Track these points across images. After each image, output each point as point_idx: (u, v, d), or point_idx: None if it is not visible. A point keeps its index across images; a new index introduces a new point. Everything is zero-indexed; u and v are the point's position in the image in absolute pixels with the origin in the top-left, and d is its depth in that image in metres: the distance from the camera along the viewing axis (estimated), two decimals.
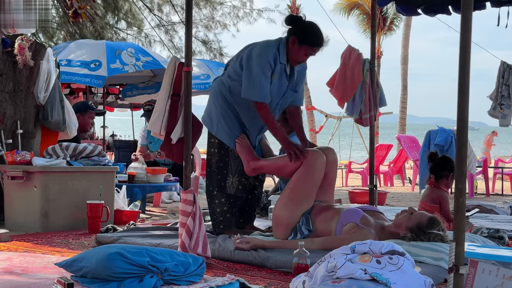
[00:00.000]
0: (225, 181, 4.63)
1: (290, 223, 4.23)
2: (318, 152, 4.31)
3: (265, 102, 4.39)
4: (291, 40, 4.42)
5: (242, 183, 4.62)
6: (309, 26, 4.45)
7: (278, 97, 4.55)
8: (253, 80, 4.35)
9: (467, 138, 2.33)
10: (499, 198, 9.93)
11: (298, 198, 4.24)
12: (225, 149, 4.62)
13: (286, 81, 4.54)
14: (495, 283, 2.75)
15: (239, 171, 4.59)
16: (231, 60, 4.69)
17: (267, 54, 4.39)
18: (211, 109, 4.65)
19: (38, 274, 2.94)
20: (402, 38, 21.27)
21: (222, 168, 4.64)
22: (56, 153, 5.52)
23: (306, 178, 4.23)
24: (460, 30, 2.32)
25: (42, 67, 5.75)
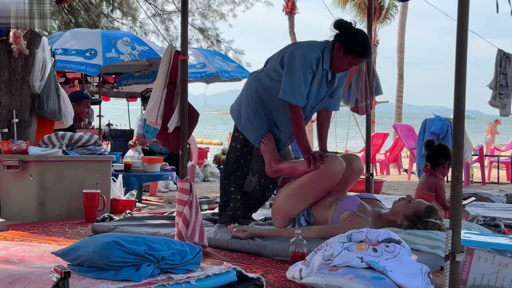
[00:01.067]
0: (244, 179, 4.54)
1: (290, 215, 4.22)
2: (338, 159, 4.16)
3: (300, 106, 4.25)
4: (336, 47, 4.24)
5: (261, 183, 4.53)
6: (358, 35, 4.28)
7: (315, 103, 4.42)
8: (292, 81, 4.20)
9: (463, 126, 2.33)
10: (495, 186, 9.96)
11: (303, 195, 4.18)
12: (248, 147, 4.51)
13: (326, 87, 4.39)
14: (491, 270, 2.77)
15: (260, 171, 4.48)
16: (272, 58, 4.50)
17: (311, 57, 4.23)
18: (242, 103, 4.51)
19: (35, 263, 2.94)
20: (398, 27, 21.27)
21: (243, 165, 4.53)
22: (52, 142, 5.51)
23: (318, 181, 4.13)
24: (457, 18, 2.31)
25: (37, 56, 5.72)
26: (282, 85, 4.24)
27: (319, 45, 4.32)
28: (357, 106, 5.99)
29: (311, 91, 4.30)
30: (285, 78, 4.24)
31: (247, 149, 4.52)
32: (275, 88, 4.31)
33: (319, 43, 4.35)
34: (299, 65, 4.20)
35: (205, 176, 10.48)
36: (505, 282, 2.74)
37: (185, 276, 2.58)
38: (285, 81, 4.23)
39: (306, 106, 4.35)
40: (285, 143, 4.51)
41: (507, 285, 2.73)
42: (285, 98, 4.24)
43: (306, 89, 4.24)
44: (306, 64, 4.20)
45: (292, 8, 22.98)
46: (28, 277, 2.59)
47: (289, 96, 4.21)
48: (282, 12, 23.04)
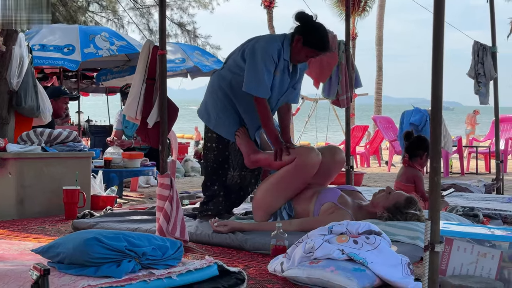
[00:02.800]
0: (226, 176, 4.54)
1: (271, 209, 4.22)
2: (314, 151, 4.19)
3: (265, 98, 4.27)
4: (296, 38, 4.28)
5: (242, 176, 4.53)
6: (317, 29, 4.31)
7: (280, 94, 4.43)
8: (256, 74, 4.22)
9: (441, 117, 2.34)
10: (474, 176, 10.05)
11: (282, 189, 4.18)
12: (224, 143, 4.51)
13: (288, 78, 4.42)
14: (470, 260, 2.80)
15: (240, 164, 4.49)
16: (233, 53, 4.52)
17: (272, 49, 4.24)
18: (208, 103, 4.52)
19: (15, 261, 2.92)
20: (376, 19, 21.35)
21: (222, 162, 4.53)
22: (31, 139, 5.47)
23: (295, 174, 4.14)
24: (433, 10, 2.33)
25: (14, 53, 5.67)
26: (245, 78, 4.25)
27: (278, 37, 4.37)
28: (338, 99, 6.01)
29: (275, 83, 4.32)
30: (247, 71, 4.25)
31: (223, 146, 4.52)
32: (239, 81, 4.33)
33: (279, 36, 4.40)
34: (260, 57, 4.22)
35: (186, 171, 10.46)
36: (484, 271, 2.77)
37: (166, 271, 2.58)
38: (248, 74, 4.25)
39: (271, 98, 4.37)
40: (252, 136, 4.52)
41: (486, 274, 2.76)
42: (249, 91, 4.24)
43: (269, 81, 4.26)
44: (267, 56, 4.23)
45: (271, 2, 22.97)
46: (8, 275, 2.57)
47: (253, 89, 4.23)
48: (261, 6, 23.02)
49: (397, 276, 2.81)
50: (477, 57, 7.13)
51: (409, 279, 2.81)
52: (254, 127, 4.48)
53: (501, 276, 2.75)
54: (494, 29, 7.26)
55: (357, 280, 2.72)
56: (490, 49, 7.17)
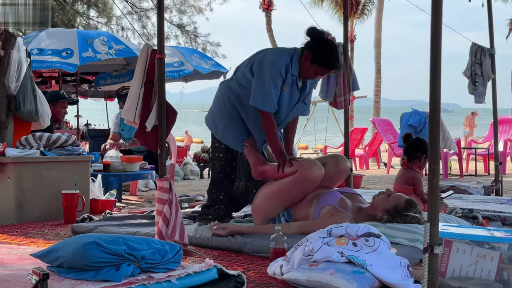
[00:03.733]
0: (232, 186, 4.56)
1: (269, 215, 4.21)
2: (317, 165, 4.16)
3: (271, 112, 4.25)
4: (305, 55, 4.26)
5: (247, 187, 4.54)
6: (327, 46, 4.28)
7: (289, 109, 4.41)
8: (263, 89, 4.21)
9: (439, 119, 2.35)
10: (473, 178, 10.05)
11: (281, 198, 4.17)
12: (232, 154, 4.51)
13: (298, 93, 4.39)
14: (469, 262, 2.80)
15: (247, 175, 4.49)
16: (241, 65, 4.51)
17: (280, 63, 4.23)
18: (215, 113, 4.52)
19: (14, 266, 2.92)
20: (374, 22, 21.36)
21: (229, 173, 4.54)
22: (30, 144, 5.46)
23: (296, 186, 4.13)
24: (431, 12, 2.33)
25: (12, 57, 5.66)
26: (252, 92, 4.25)
27: (288, 52, 4.33)
28: (336, 100, 6.02)
29: (283, 98, 4.31)
30: (255, 85, 4.25)
31: (231, 157, 4.53)
32: (246, 94, 4.32)
33: (288, 50, 4.37)
34: (268, 71, 4.21)
35: (185, 174, 10.46)
36: (483, 273, 2.77)
37: (165, 275, 2.57)
38: (255, 88, 4.24)
39: (280, 113, 4.36)
40: (259, 148, 4.52)
41: (485, 276, 2.76)
42: (256, 105, 4.24)
43: (276, 95, 4.25)
44: (275, 71, 4.21)
45: (269, 5, 23.00)
46: (8, 279, 2.57)
47: (260, 103, 4.22)
48: (259, 9, 23.05)
49: (397, 278, 2.81)
50: (474, 58, 7.14)
51: (408, 281, 2.81)
52: (262, 140, 4.47)
53: (500, 277, 2.75)
54: (492, 31, 7.27)
55: (356, 283, 2.72)
56: (488, 51, 7.18)
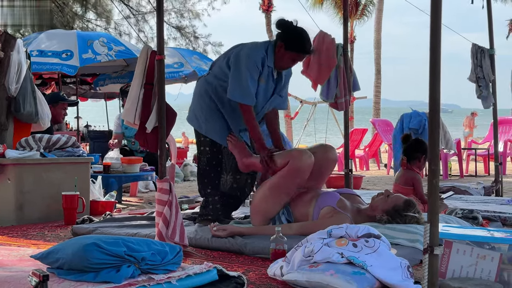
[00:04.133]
0: (219, 178, 4.58)
1: (268, 214, 4.22)
2: (306, 154, 4.19)
3: (251, 105, 4.32)
4: (278, 45, 4.37)
5: (237, 180, 4.56)
6: (298, 33, 4.40)
7: (265, 101, 4.49)
8: (240, 82, 4.28)
9: (439, 120, 2.35)
10: (473, 179, 10.05)
11: (278, 194, 4.18)
12: (217, 147, 4.55)
13: (273, 84, 4.49)
14: (469, 262, 2.80)
15: (233, 168, 4.52)
16: (218, 60, 4.60)
17: (255, 56, 4.33)
18: (195, 109, 4.58)
19: (14, 267, 2.92)
20: (374, 23, 21.35)
21: (215, 165, 4.58)
22: (30, 145, 5.47)
23: (290, 178, 4.15)
24: (430, 13, 2.33)
25: (12, 59, 5.66)
26: (230, 85, 4.32)
27: (262, 45, 4.44)
28: (336, 102, 6.02)
29: (260, 90, 4.39)
30: (232, 79, 4.32)
31: (217, 149, 4.56)
32: (224, 88, 4.40)
33: (263, 43, 4.48)
34: (245, 65, 4.29)
35: (185, 175, 10.45)
36: (483, 274, 2.77)
37: (165, 276, 2.57)
38: (232, 81, 4.32)
39: (257, 105, 4.43)
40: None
41: (485, 276, 2.76)
42: (234, 98, 4.32)
43: (254, 88, 4.33)
44: (252, 64, 4.30)
45: (269, 6, 22.99)
46: (8, 281, 2.57)
47: (238, 96, 4.30)
48: (259, 10, 23.04)
49: (397, 279, 2.81)
50: (476, 60, 7.13)
51: (408, 282, 2.81)
52: (237, 129, 4.54)
53: (500, 278, 2.75)
54: (491, 32, 7.27)
55: (356, 283, 2.72)
56: (488, 52, 7.17)
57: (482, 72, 7.12)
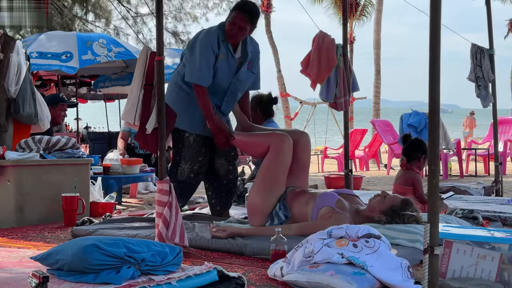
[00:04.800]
0: (177, 167, 4.75)
1: (265, 210, 4.24)
2: (284, 135, 4.35)
3: (204, 86, 4.50)
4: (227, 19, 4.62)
5: (194, 171, 4.72)
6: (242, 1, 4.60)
7: (230, 76, 4.66)
8: (194, 65, 4.51)
9: (439, 120, 2.35)
10: (473, 179, 10.05)
11: (269, 184, 4.26)
12: (179, 136, 4.73)
13: (234, 60, 4.65)
14: (470, 262, 2.79)
15: (192, 158, 4.69)
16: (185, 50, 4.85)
17: (209, 38, 4.53)
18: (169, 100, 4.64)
19: (14, 269, 2.92)
20: (374, 23, 21.35)
21: (174, 154, 4.76)
22: (29, 147, 5.46)
23: (274, 163, 4.28)
24: (430, 13, 2.33)
25: (12, 60, 5.66)
26: (186, 69, 4.55)
27: (216, 27, 4.64)
28: (336, 102, 6.02)
29: (221, 66, 4.58)
30: (188, 63, 4.57)
31: (178, 139, 4.75)
32: None
33: (216, 25, 4.68)
34: (199, 48, 4.52)
35: None
36: (483, 274, 2.76)
37: (166, 277, 2.57)
38: (188, 65, 4.56)
39: (222, 80, 4.62)
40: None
41: (485, 276, 2.76)
42: (189, 80, 4.55)
43: (208, 70, 4.53)
44: (205, 46, 4.52)
45: (268, 7, 23.00)
46: (8, 282, 2.57)
47: (193, 77, 4.52)
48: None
49: (397, 280, 2.80)
50: (476, 60, 7.13)
51: (409, 282, 2.81)
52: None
53: (501, 278, 2.74)
54: (491, 31, 7.27)
55: (357, 284, 2.72)
56: (487, 51, 7.17)
57: (481, 71, 7.12)
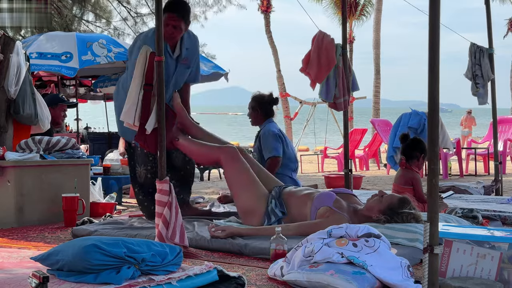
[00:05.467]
0: (135, 171, 4.93)
1: (255, 210, 4.28)
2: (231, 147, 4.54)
3: None
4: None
5: (149, 171, 4.84)
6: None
7: (171, 75, 4.79)
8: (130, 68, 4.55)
9: (438, 119, 2.35)
10: (473, 178, 10.05)
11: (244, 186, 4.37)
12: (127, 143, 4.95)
13: (173, 60, 4.79)
14: (469, 261, 2.80)
15: (144, 161, 4.83)
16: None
17: (145, 41, 4.58)
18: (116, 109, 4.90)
19: (14, 269, 2.92)
20: (373, 23, 21.34)
21: (130, 158, 4.99)
22: (29, 147, 5.46)
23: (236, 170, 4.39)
24: (429, 12, 2.34)
25: (11, 61, 5.66)
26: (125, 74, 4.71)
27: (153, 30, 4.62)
28: (335, 102, 6.02)
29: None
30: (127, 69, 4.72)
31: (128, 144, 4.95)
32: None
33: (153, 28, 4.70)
34: (135, 52, 4.57)
35: None
36: (483, 273, 2.77)
37: (166, 277, 2.57)
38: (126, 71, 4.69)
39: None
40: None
41: (485, 275, 2.76)
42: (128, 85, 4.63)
43: None
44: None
45: (268, 7, 23.00)
46: (8, 283, 2.57)
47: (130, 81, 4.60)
48: (258, 10, 23.04)
49: (397, 279, 2.81)
50: (474, 59, 7.13)
51: (409, 282, 2.81)
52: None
53: (501, 277, 2.75)
54: (490, 31, 7.27)
55: (357, 283, 2.72)
56: (487, 51, 7.17)
57: (480, 70, 7.12)
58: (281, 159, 5.71)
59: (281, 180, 5.58)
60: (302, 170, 13.36)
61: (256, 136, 5.95)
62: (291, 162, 5.84)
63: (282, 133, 5.84)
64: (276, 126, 5.88)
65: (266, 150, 5.69)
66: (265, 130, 5.77)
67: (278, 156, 5.68)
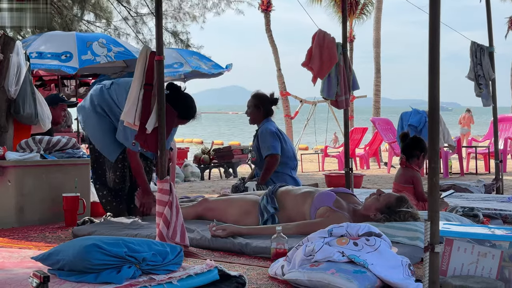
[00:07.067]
0: (105, 176, 5.11)
1: (250, 209, 4.39)
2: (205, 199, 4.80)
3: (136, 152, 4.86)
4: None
5: (117, 177, 5.06)
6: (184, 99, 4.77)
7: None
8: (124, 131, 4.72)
9: (438, 118, 2.35)
10: (473, 177, 10.05)
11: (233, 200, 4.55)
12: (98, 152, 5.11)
13: None
14: (470, 260, 2.80)
15: (113, 168, 5.04)
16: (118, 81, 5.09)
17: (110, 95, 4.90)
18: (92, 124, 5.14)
19: (15, 269, 2.92)
20: (373, 22, 21.33)
21: (101, 164, 5.11)
22: (30, 147, 5.46)
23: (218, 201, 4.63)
24: (429, 11, 2.34)
25: (11, 61, 5.66)
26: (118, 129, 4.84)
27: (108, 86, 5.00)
28: (337, 100, 6.02)
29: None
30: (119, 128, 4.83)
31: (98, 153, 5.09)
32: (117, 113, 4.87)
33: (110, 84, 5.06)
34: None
35: (185, 176, 10.46)
36: (484, 271, 2.77)
37: (166, 276, 2.57)
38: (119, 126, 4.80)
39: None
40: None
41: (486, 274, 2.76)
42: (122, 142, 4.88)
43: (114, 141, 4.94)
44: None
45: (268, 6, 23.00)
46: (8, 283, 2.57)
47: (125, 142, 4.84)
48: (258, 9, 23.04)
49: (398, 278, 2.81)
50: (476, 58, 7.11)
51: (410, 280, 2.81)
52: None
53: (501, 275, 2.75)
54: (491, 29, 7.26)
55: (357, 282, 2.72)
56: (487, 50, 7.17)
57: (482, 70, 7.10)
58: (279, 157, 5.72)
59: (281, 179, 5.59)
60: (302, 169, 13.37)
61: (254, 135, 5.96)
62: (290, 160, 5.85)
63: (280, 131, 5.85)
64: (274, 124, 5.89)
65: (264, 148, 5.70)
66: (263, 129, 5.79)
67: (277, 154, 5.69)
